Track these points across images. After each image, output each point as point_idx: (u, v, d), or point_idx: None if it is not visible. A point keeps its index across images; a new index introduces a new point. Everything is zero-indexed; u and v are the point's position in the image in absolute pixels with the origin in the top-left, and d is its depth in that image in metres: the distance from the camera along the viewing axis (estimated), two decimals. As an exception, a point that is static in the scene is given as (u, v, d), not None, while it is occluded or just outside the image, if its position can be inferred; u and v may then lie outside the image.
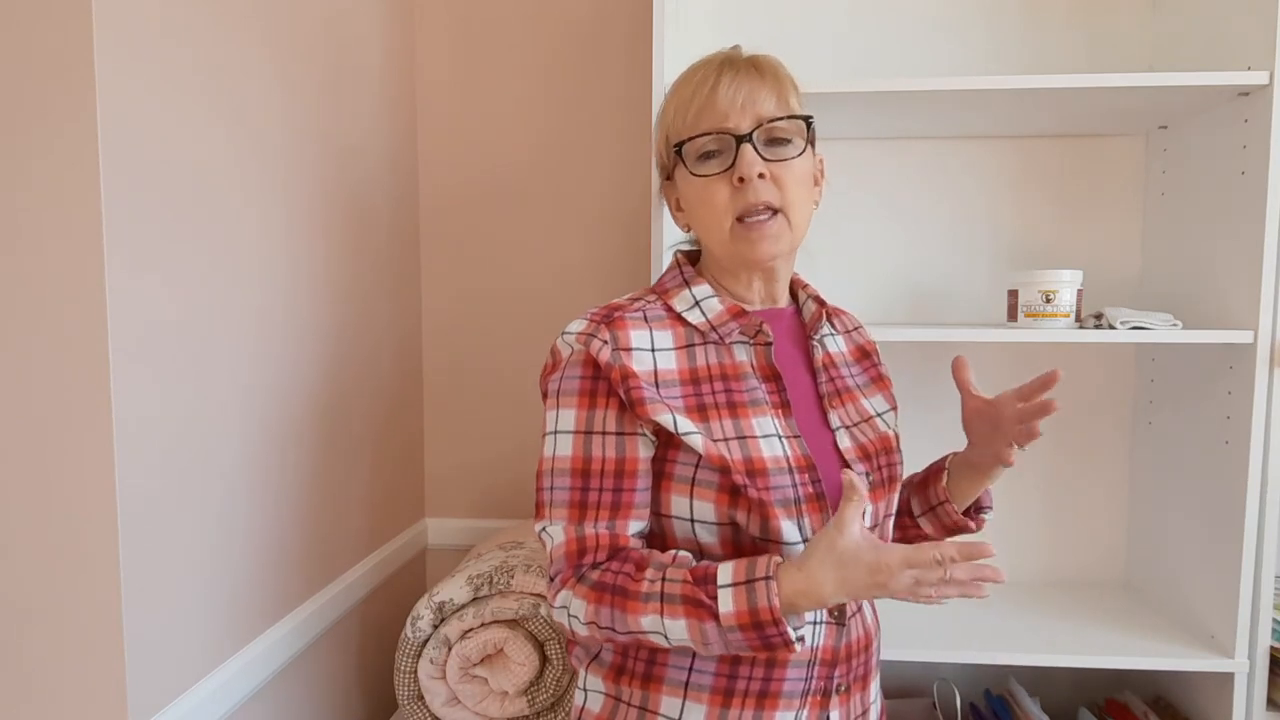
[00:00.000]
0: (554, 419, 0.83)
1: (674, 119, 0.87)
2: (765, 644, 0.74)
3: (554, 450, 0.83)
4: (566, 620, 0.81)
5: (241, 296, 1.03)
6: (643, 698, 0.85)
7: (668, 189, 0.93)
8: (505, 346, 1.62)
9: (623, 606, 0.77)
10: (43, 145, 0.78)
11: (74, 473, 0.80)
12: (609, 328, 0.83)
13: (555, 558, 0.82)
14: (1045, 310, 1.25)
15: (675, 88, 0.88)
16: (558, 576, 0.82)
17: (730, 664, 0.82)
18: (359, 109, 1.35)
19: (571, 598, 0.80)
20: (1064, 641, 1.26)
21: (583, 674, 0.90)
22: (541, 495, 0.84)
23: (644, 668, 0.85)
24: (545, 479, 0.83)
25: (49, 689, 0.82)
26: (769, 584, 0.73)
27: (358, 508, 1.37)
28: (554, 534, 0.82)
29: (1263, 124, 1.17)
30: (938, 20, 1.48)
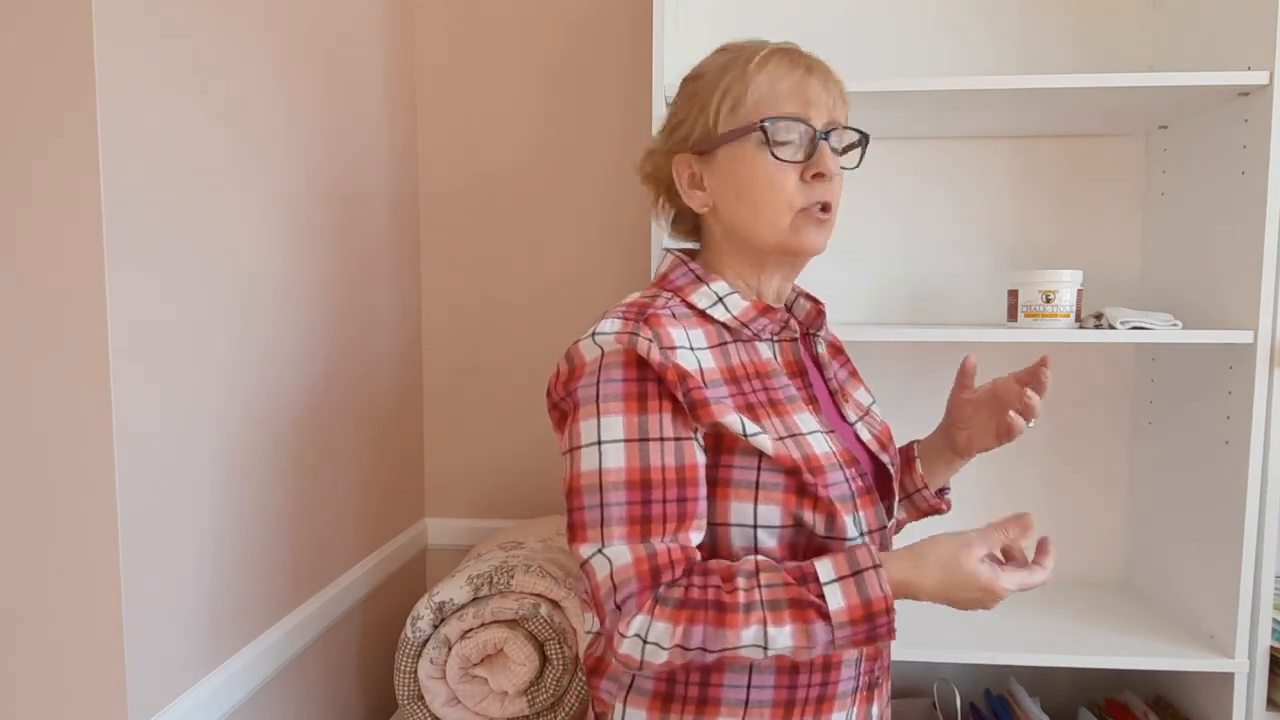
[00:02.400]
0: (594, 428, 0.76)
1: (763, 93, 0.81)
2: (871, 636, 0.72)
3: (601, 463, 0.75)
4: (640, 651, 0.73)
5: (241, 296, 1.03)
6: None
7: (688, 162, 0.86)
8: (505, 347, 1.62)
9: (719, 622, 0.71)
10: (43, 145, 0.78)
11: (74, 473, 0.80)
12: (648, 325, 0.77)
13: (622, 581, 0.73)
14: (1045, 310, 1.25)
15: (759, 62, 0.81)
16: (629, 601, 0.73)
17: (790, 674, 0.79)
18: (359, 108, 1.35)
19: (651, 623, 0.72)
20: (1064, 641, 1.26)
21: (619, 710, 0.82)
22: (583, 515, 0.75)
23: (698, 691, 0.79)
24: (589, 495, 0.75)
25: (49, 689, 0.82)
26: (878, 572, 0.72)
27: (358, 508, 1.37)
28: (615, 555, 0.74)
29: (1263, 124, 1.16)
30: (938, 20, 1.48)
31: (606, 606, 0.74)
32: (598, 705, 0.87)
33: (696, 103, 0.85)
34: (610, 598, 0.73)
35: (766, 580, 0.73)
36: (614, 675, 0.84)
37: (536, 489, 1.64)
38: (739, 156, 0.82)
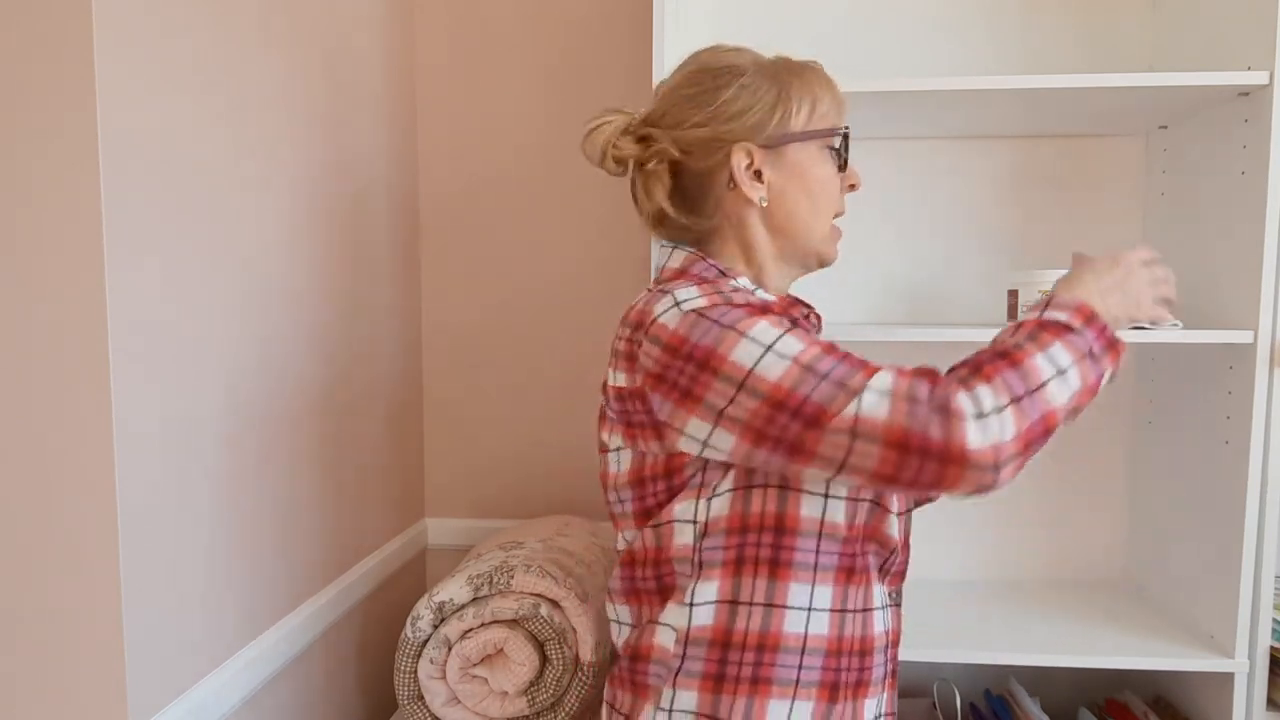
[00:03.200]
0: (751, 344, 0.74)
1: (832, 108, 0.90)
2: (1106, 341, 0.77)
3: (787, 354, 0.72)
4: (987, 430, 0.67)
5: (241, 296, 1.03)
6: (747, 707, 0.80)
7: (749, 151, 0.87)
8: (506, 346, 1.62)
9: (1014, 363, 0.71)
10: (43, 145, 0.78)
11: (74, 473, 0.80)
12: (719, 285, 0.83)
13: (915, 380, 0.70)
14: None
15: (824, 76, 0.90)
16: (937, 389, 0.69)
17: (835, 656, 0.82)
18: (359, 107, 1.35)
19: (975, 393, 0.69)
20: (1064, 641, 1.26)
21: (668, 694, 0.83)
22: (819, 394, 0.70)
23: (751, 670, 0.80)
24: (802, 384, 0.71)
25: (49, 689, 0.82)
26: (1059, 296, 0.80)
27: (358, 508, 1.37)
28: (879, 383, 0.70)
29: (1263, 124, 1.16)
30: (938, 20, 1.48)
31: (921, 419, 0.68)
32: (642, 687, 0.85)
33: (763, 96, 0.87)
34: (919, 408, 0.69)
35: (1000, 339, 0.77)
36: (661, 659, 0.84)
37: (536, 489, 1.64)
38: (809, 157, 0.88)
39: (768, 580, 0.81)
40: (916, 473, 0.69)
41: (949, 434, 0.67)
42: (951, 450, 0.67)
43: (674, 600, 0.84)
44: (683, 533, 0.82)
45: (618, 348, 0.84)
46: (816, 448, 0.71)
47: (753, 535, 0.81)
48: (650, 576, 0.86)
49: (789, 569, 0.81)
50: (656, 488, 0.84)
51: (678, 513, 0.82)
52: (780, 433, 0.72)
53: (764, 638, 0.81)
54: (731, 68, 0.89)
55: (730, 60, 0.89)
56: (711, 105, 0.87)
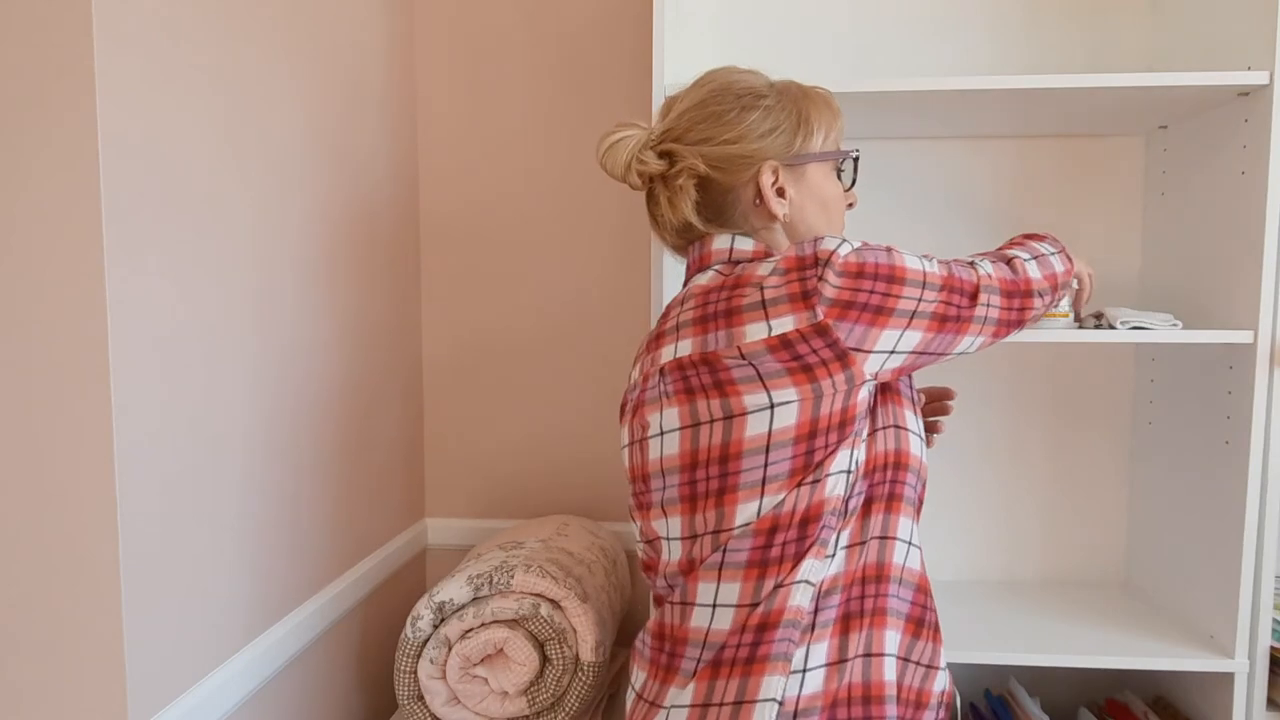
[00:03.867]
0: (913, 259, 0.87)
1: (840, 133, 0.99)
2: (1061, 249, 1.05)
3: (933, 265, 0.89)
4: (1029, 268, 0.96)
5: (241, 297, 1.03)
6: (868, 639, 0.87)
7: (775, 169, 0.94)
8: (506, 347, 1.62)
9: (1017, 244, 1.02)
10: (43, 146, 0.78)
11: (74, 473, 0.80)
12: None
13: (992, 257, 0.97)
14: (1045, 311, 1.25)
15: (835, 106, 0.99)
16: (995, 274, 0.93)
17: (923, 593, 0.91)
18: (359, 112, 1.35)
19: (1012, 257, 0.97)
20: (1064, 641, 1.26)
21: (800, 654, 0.84)
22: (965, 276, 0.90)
23: (871, 604, 0.87)
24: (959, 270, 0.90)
25: (49, 689, 0.82)
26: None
27: (358, 508, 1.37)
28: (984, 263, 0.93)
29: (1263, 124, 1.16)
30: (938, 20, 1.48)
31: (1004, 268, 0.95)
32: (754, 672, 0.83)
33: (789, 117, 0.95)
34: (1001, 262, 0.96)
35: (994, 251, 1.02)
36: (794, 620, 0.83)
37: (536, 489, 1.64)
38: (824, 176, 0.97)
39: (884, 515, 0.89)
40: (1016, 310, 0.93)
41: (1023, 275, 0.95)
42: (1024, 285, 0.94)
43: (813, 556, 0.84)
44: (837, 484, 0.85)
45: (768, 297, 0.85)
46: (974, 313, 0.90)
47: (879, 474, 0.88)
48: (794, 539, 0.84)
49: (900, 502, 0.89)
50: (829, 440, 0.84)
51: (836, 464, 0.85)
52: (956, 311, 0.88)
53: (881, 569, 0.88)
54: (753, 90, 0.95)
55: (750, 83, 0.96)
56: (741, 124, 0.93)
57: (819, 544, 0.84)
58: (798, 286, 0.84)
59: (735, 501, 0.85)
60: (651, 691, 0.89)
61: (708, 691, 0.85)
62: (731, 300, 0.86)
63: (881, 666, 0.86)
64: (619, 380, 1.60)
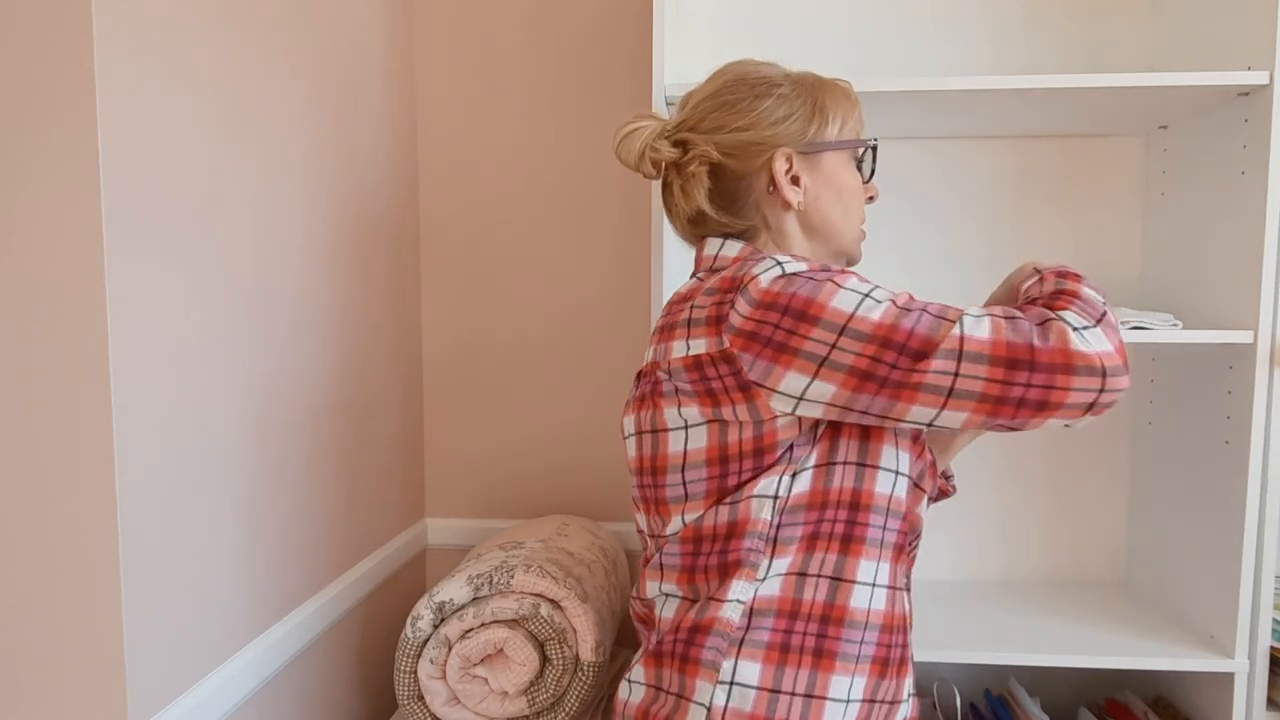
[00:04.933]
0: (848, 293, 0.77)
1: (859, 123, 0.97)
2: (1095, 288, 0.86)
3: (883, 299, 0.77)
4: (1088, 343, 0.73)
5: (240, 296, 1.03)
6: (809, 679, 0.82)
7: (789, 157, 0.92)
8: (506, 346, 1.62)
9: (1073, 295, 0.79)
10: (43, 145, 0.78)
11: (74, 473, 0.80)
12: None
13: (1009, 314, 0.77)
14: None
15: (853, 97, 0.96)
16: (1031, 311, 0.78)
17: (888, 632, 0.85)
18: (359, 112, 1.35)
19: (1058, 313, 0.75)
20: (1064, 641, 1.26)
21: (728, 666, 0.82)
22: (920, 327, 0.75)
23: (815, 642, 0.82)
24: (907, 316, 0.76)
25: (49, 689, 0.82)
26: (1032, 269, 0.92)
27: (358, 508, 1.37)
28: (974, 311, 0.76)
29: (1263, 124, 1.16)
30: (938, 20, 1.48)
31: (1026, 334, 0.74)
32: (688, 671, 0.84)
33: (802, 106, 0.93)
34: (1021, 324, 0.76)
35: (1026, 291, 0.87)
36: (723, 630, 0.83)
37: (536, 489, 1.64)
38: (841, 165, 0.95)
39: (838, 555, 0.83)
40: (1025, 389, 0.71)
41: (1055, 341, 0.71)
42: (1058, 356, 0.70)
43: (741, 576, 0.84)
44: (761, 508, 0.83)
45: (694, 316, 0.84)
46: (923, 379, 0.73)
47: (830, 511, 0.83)
48: (716, 552, 0.85)
49: (861, 544, 0.83)
50: (742, 465, 0.83)
51: (759, 489, 0.83)
52: (887, 372, 0.74)
53: (829, 609, 0.83)
54: (768, 79, 0.95)
55: (765, 72, 0.95)
56: (754, 112, 0.93)
57: (746, 565, 0.84)
58: (715, 310, 0.83)
59: (667, 512, 0.89)
60: (630, 662, 0.93)
61: (656, 675, 0.88)
62: (676, 315, 0.87)
63: (822, 711, 0.81)
64: (619, 380, 1.60)
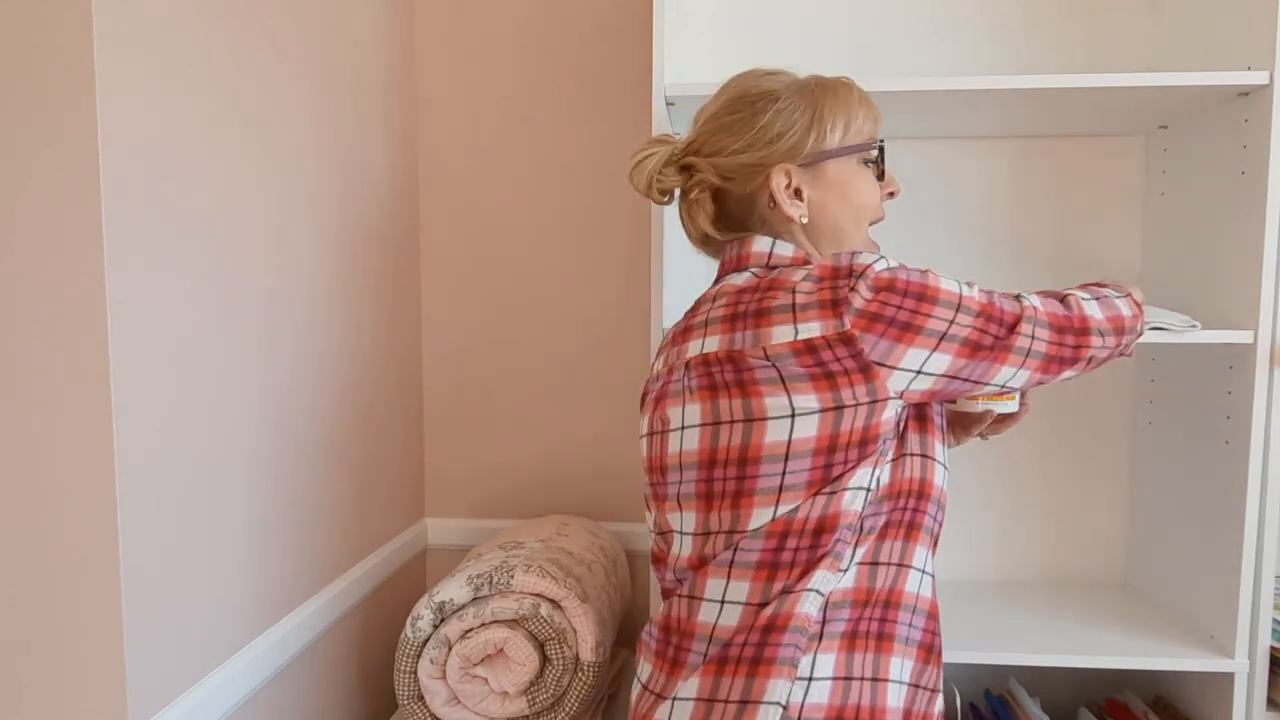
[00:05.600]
0: (949, 282, 0.86)
1: (868, 121, 0.97)
2: (1134, 304, 0.98)
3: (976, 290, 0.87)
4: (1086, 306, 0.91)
5: (241, 296, 1.03)
6: (874, 663, 0.85)
7: (789, 172, 0.93)
8: (506, 346, 1.62)
9: (1084, 286, 0.97)
10: (43, 146, 0.78)
11: (74, 473, 0.80)
12: None
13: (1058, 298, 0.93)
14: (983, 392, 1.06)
15: (860, 94, 0.97)
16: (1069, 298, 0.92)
17: (932, 619, 0.90)
18: (360, 112, 1.35)
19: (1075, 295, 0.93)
20: (1064, 641, 1.26)
21: (807, 662, 0.83)
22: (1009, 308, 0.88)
23: (877, 626, 0.86)
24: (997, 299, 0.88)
25: (49, 689, 0.82)
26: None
27: (358, 508, 1.37)
28: (1034, 300, 0.90)
29: (1263, 124, 1.16)
30: (938, 20, 1.48)
31: (1057, 303, 0.91)
32: (758, 674, 0.83)
33: (798, 119, 0.93)
34: (1054, 299, 0.92)
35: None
36: (801, 626, 0.83)
37: (536, 489, 1.64)
38: (847, 171, 0.95)
39: (903, 542, 0.88)
40: (1067, 349, 0.89)
41: (1077, 312, 0.91)
42: (1077, 322, 0.90)
43: (825, 567, 0.84)
44: (854, 500, 0.84)
45: (799, 301, 0.85)
46: (1014, 343, 0.87)
47: (902, 500, 0.88)
48: (805, 546, 0.84)
49: (919, 531, 0.89)
50: (849, 455, 0.84)
51: (854, 480, 0.84)
52: (992, 340, 0.86)
53: (891, 594, 0.87)
54: (767, 93, 0.94)
55: (765, 85, 0.95)
56: (751, 132, 0.94)
57: (833, 555, 0.84)
58: (829, 294, 0.84)
59: (751, 505, 0.85)
60: (657, 683, 0.89)
61: (713, 686, 0.85)
62: (763, 302, 0.86)
63: (886, 693, 0.85)
64: (619, 380, 1.60)
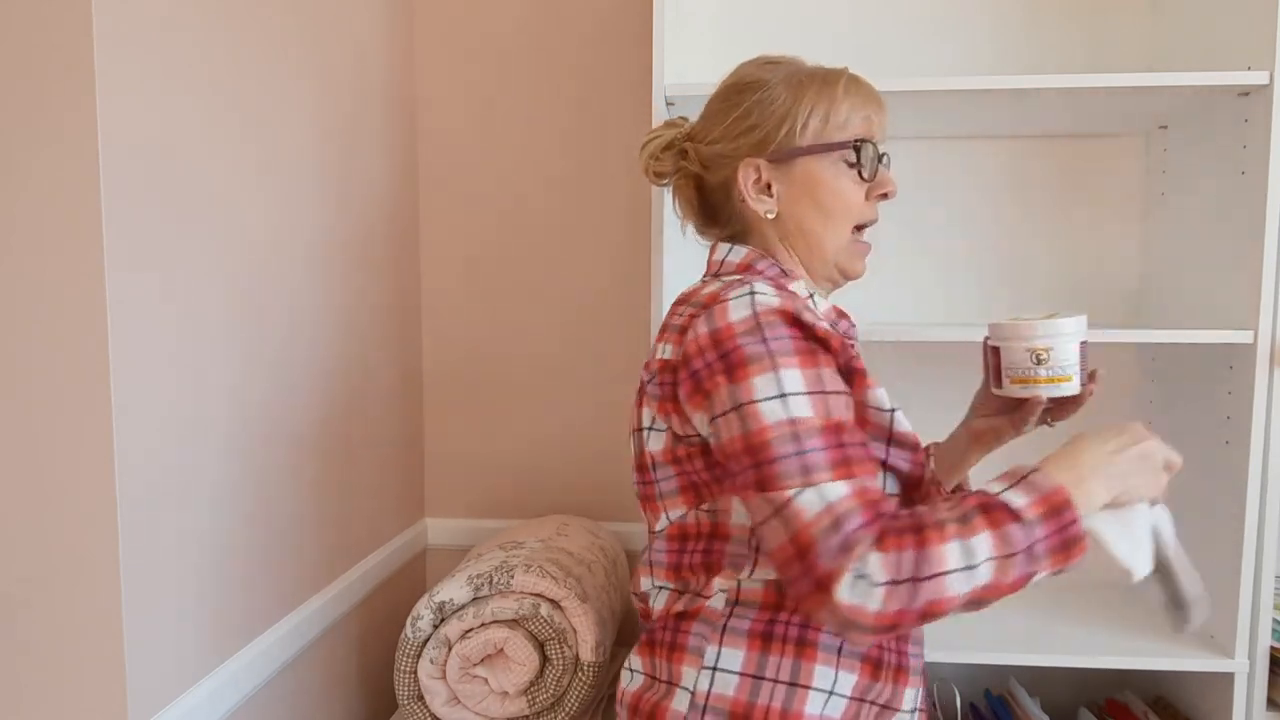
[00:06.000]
0: (773, 381, 0.74)
1: (846, 115, 0.88)
2: (1064, 540, 0.71)
3: (790, 412, 0.73)
4: (857, 595, 0.68)
5: (241, 296, 1.03)
6: (793, 668, 0.80)
7: (758, 167, 0.89)
8: (506, 347, 1.62)
9: (922, 543, 0.68)
10: (43, 146, 0.78)
11: (74, 473, 0.80)
12: (791, 295, 0.81)
13: (845, 513, 0.70)
14: (1036, 375, 0.90)
15: (846, 85, 0.88)
16: (859, 530, 0.69)
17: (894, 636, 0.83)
18: (360, 112, 1.35)
19: (872, 552, 0.69)
20: (1064, 641, 1.26)
21: (712, 651, 0.82)
22: (780, 465, 0.72)
23: (797, 631, 0.81)
24: (783, 445, 0.72)
25: (49, 689, 0.82)
26: (1040, 473, 0.74)
27: (358, 508, 1.37)
28: (830, 491, 0.71)
29: (1263, 124, 1.16)
30: (938, 20, 1.48)
31: (827, 543, 0.69)
32: (676, 658, 0.84)
33: (773, 111, 0.88)
34: (832, 532, 0.69)
35: (946, 504, 0.73)
36: (706, 618, 0.84)
37: (536, 489, 1.64)
38: (820, 170, 0.88)
39: None
40: (792, 581, 0.71)
41: (827, 574, 0.69)
42: (820, 587, 0.69)
43: (724, 575, 0.84)
44: (741, 514, 0.83)
45: (673, 322, 0.85)
46: (750, 501, 0.75)
47: None
48: (701, 550, 0.85)
49: None
50: (695, 465, 0.84)
51: (733, 502, 0.84)
52: (734, 467, 0.75)
53: None
54: (756, 83, 0.91)
55: (757, 75, 0.91)
56: (728, 121, 0.91)
57: (730, 566, 0.84)
58: (687, 321, 0.83)
59: (653, 509, 0.90)
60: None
61: (651, 665, 0.88)
62: (673, 316, 0.87)
63: (805, 700, 0.80)
64: (619, 380, 1.60)
